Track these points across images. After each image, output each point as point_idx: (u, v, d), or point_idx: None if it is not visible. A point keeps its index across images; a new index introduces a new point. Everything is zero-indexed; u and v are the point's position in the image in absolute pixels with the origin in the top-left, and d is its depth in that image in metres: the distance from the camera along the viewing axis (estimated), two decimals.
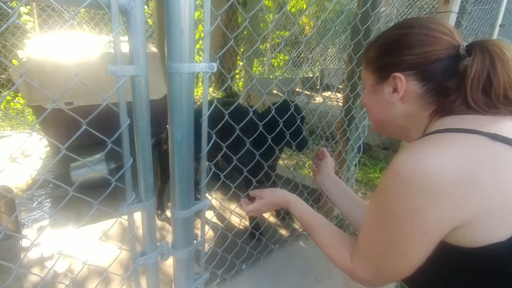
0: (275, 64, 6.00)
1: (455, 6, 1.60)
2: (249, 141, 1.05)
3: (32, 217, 1.71)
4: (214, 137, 0.87)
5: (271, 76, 5.45)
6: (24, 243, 1.45)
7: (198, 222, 0.96)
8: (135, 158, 0.73)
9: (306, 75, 6.01)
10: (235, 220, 1.63)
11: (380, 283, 0.58)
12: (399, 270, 0.52)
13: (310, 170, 2.43)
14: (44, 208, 1.82)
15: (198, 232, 0.94)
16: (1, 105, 3.60)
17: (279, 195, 0.85)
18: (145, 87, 0.68)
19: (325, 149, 1.03)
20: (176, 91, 0.72)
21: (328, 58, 6.09)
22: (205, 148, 0.85)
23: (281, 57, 6.25)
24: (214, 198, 0.95)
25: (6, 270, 1.20)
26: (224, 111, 0.92)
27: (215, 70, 0.77)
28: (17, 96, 3.67)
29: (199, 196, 0.89)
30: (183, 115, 0.75)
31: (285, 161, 2.72)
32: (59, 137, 2.29)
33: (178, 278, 0.97)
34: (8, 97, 3.70)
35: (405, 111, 0.63)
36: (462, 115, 0.54)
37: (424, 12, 4.82)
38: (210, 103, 0.82)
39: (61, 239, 1.48)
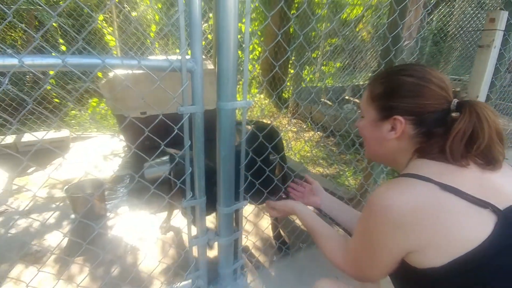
0: (326, 71, 6.05)
1: (501, 24, 1.62)
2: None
3: (114, 204, 2.17)
4: (250, 153, 1.13)
5: (319, 84, 5.54)
6: (109, 223, 1.89)
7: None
8: (193, 168, 1.03)
9: (358, 83, 5.96)
10: (268, 218, 1.87)
11: (362, 280, 0.76)
12: (373, 274, 0.70)
13: (347, 181, 2.55)
14: (123, 197, 2.29)
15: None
16: (89, 110, 4.38)
17: (289, 206, 1.05)
18: (201, 120, 0.97)
19: (306, 175, 1.18)
20: (223, 121, 1.00)
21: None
22: (243, 162, 1.11)
23: (331, 64, 6.27)
24: (250, 200, 1.21)
25: (100, 241, 1.62)
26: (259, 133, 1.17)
27: (251, 105, 1.03)
28: (101, 103, 4.39)
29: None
30: (227, 138, 1.02)
31: (326, 170, 2.86)
32: (135, 139, 2.77)
33: (221, 260, 1.25)
34: (94, 104, 4.43)
35: (396, 147, 0.73)
36: (431, 161, 0.65)
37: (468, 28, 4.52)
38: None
39: (136, 221, 1.89)
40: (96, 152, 3.16)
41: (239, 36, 0.95)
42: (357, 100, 5.29)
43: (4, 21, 0.73)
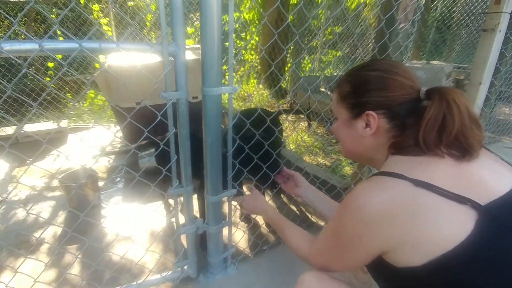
0: (325, 61, 5.96)
1: (508, 6, 1.56)
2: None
3: (109, 193, 2.18)
4: (238, 141, 1.12)
5: (318, 73, 5.47)
6: (103, 212, 1.90)
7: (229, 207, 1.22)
8: (179, 156, 1.02)
9: None
10: None
11: (327, 271, 0.76)
12: (340, 267, 0.70)
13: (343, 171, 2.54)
14: (118, 187, 2.29)
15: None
16: (87, 102, 4.37)
17: (257, 206, 1.08)
18: (185, 106, 0.95)
19: (283, 172, 1.18)
20: (208, 107, 0.99)
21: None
22: (230, 150, 1.10)
23: (333, 54, 6.17)
24: (238, 188, 1.21)
25: (92, 230, 1.63)
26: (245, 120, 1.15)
27: (237, 91, 1.01)
28: (99, 94, 4.38)
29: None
30: (213, 125, 1.01)
31: (323, 160, 2.85)
32: (130, 130, 2.76)
33: (210, 248, 1.25)
34: (92, 95, 4.41)
35: (372, 144, 0.72)
36: (404, 156, 0.64)
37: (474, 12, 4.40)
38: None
39: (129, 210, 1.90)
40: (93, 142, 3.16)
41: (224, 19, 0.93)
42: None
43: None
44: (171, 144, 0.99)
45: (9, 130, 3.15)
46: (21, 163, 2.75)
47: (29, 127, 3.20)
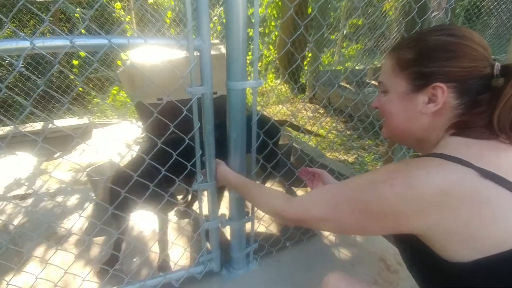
0: (346, 54, 5.82)
1: None
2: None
3: None
4: (262, 136, 1.10)
5: (339, 67, 5.35)
6: None
7: None
8: (203, 151, 1.02)
9: (380, 65, 5.70)
10: None
11: (305, 224, 0.69)
12: (344, 228, 0.63)
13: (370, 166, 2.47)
14: None
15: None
16: (110, 98, 4.49)
17: (221, 177, 1.02)
18: (210, 101, 0.95)
19: (306, 168, 1.12)
20: (232, 101, 0.98)
21: None
22: (254, 145, 1.09)
23: (353, 47, 6.02)
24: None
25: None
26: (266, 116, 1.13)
27: (262, 85, 0.99)
28: (122, 91, 4.48)
29: None
30: (238, 120, 1.00)
31: (343, 156, 2.79)
32: (152, 125, 2.81)
33: (233, 244, 1.25)
34: (114, 91, 4.53)
35: (430, 123, 0.62)
36: (468, 139, 0.56)
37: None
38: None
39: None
40: (117, 138, 3.24)
41: (250, 12, 0.91)
42: (375, 82, 5.09)
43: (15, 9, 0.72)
44: (196, 139, 0.99)
45: (37, 125, 3.29)
46: (49, 157, 2.87)
47: (56, 123, 3.32)
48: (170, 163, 1.02)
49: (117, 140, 3.17)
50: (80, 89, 4.23)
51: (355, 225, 0.60)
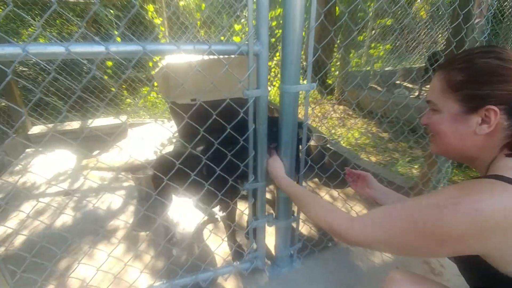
0: (375, 54, 5.69)
1: None
2: None
3: None
4: (312, 138, 1.12)
5: (368, 68, 5.25)
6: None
7: None
8: (256, 151, 1.05)
9: (410, 66, 5.54)
10: None
11: (365, 246, 0.68)
12: (408, 252, 0.65)
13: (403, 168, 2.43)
14: None
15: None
16: (142, 99, 4.66)
17: (272, 171, 1.01)
18: (265, 103, 0.98)
19: (351, 170, 1.10)
20: (286, 105, 1.00)
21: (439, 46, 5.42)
22: (304, 146, 1.11)
23: (380, 47, 5.89)
24: (309, 185, 1.21)
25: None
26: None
27: (315, 88, 1.02)
28: (152, 91, 4.64)
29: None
30: (290, 123, 1.02)
31: (376, 158, 2.75)
32: (185, 126, 2.90)
33: (278, 243, 1.28)
34: (145, 92, 4.68)
35: (483, 143, 0.64)
36: None
37: None
38: None
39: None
40: (152, 137, 3.37)
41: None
42: (409, 85, 4.94)
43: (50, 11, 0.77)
44: (250, 140, 1.02)
45: (75, 124, 3.47)
46: (87, 155, 3.02)
47: (93, 122, 3.49)
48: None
49: (151, 139, 3.30)
50: (113, 89, 4.41)
51: (419, 249, 0.61)
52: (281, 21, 0.95)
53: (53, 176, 2.48)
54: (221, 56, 0.87)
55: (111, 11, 4.91)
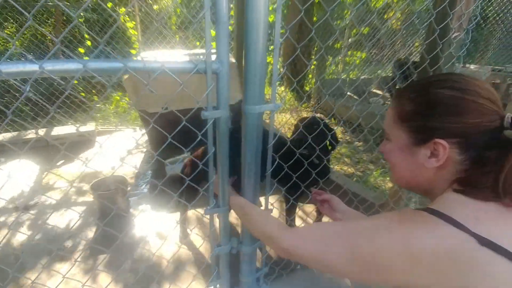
0: (350, 62, 5.79)
1: None
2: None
3: (135, 200, 2.19)
4: (277, 160, 1.06)
5: (344, 76, 5.33)
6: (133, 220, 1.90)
7: None
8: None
9: (387, 74, 5.66)
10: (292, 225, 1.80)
11: (290, 256, 0.67)
12: (321, 266, 0.61)
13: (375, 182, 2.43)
14: (145, 192, 2.30)
15: None
16: (113, 104, 4.45)
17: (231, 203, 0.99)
18: (226, 124, 0.91)
19: (319, 191, 1.06)
20: (249, 125, 0.94)
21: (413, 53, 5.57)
22: (269, 169, 1.05)
23: (357, 55, 5.99)
24: (275, 207, 1.15)
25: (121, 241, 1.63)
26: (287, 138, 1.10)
27: (280, 107, 0.96)
28: (125, 97, 4.46)
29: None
30: (253, 144, 0.96)
31: (350, 169, 2.75)
32: (156, 135, 2.78)
33: (243, 268, 1.20)
34: (117, 98, 4.50)
35: (434, 176, 0.60)
36: (468, 198, 0.53)
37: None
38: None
39: (157, 221, 1.89)
40: (120, 146, 3.21)
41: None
42: (386, 94, 5.05)
43: (29, 17, 0.68)
44: (210, 163, 0.95)
45: (39, 132, 3.25)
46: (52, 165, 2.82)
47: (59, 130, 3.28)
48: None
49: (119, 148, 3.14)
50: (83, 94, 4.19)
51: (350, 273, 0.58)
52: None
53: (12, 189, 2.28)
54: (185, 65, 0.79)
55: (82, 13, 4.67)
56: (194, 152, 1.63)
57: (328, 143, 1.46)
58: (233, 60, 3.01)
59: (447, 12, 1.06)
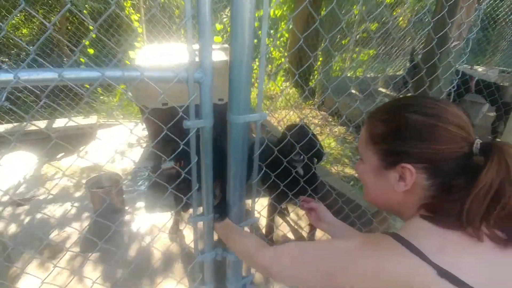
0: (361, 58, 5.65)
1: None
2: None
3: (132, 196, 2.20)
4: (264, 168, 1.04)
5: (351, 73, 5.22)
6: (126, 217, 1.91)
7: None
8: (200, 185, 0.96)
9: (395, 73, 5.51)
10: (278, 234, 1.78)
11: (269, 274, 0.69)
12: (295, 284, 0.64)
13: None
14: (142, 189, 2.31)
15: None
16: (116, 97, 4.46)
17: (224, 234, 0.99)
18: (209, 134, 0.89)
19: (307, 198, 1.05)
20: (233, 135, 0.91)
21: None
22: (255, 178, 1.03)
23: (364, 52, 5.85)
24: (262, 216, 1.14)
25: (115, 236, 1.64)
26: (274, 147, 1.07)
27: (266, 118, 0.93)
28: (128, 90, 4.45)
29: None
30: (239, 154, 0.94)
31: (349, 171, 2.71)
32: (156, 130, 2.77)
33: (229, 275, 1.20)
34: (120, 90, 4.49)
35: (403, 199, 0.60)
36: (433, 225, 0.53)
37: None
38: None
39: (150, 220, 1.89)
40: (121, 140, 3.22)
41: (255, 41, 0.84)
42: (393, 93, 4.94)
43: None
44: (193, 173, 0.93)
45: (40, 124, 3.27)
46: (52, 157, 2.85)
47: (60, 122, 3.29)
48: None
49: (120, 141, 3.15)
50: (87, 85, 4.20)
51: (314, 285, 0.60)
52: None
53: (10, 182, 2.31)
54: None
55: (86, 5, 4.66)
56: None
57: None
58: (226, 57, 2.96)
59: (446, 21, 1.01)
